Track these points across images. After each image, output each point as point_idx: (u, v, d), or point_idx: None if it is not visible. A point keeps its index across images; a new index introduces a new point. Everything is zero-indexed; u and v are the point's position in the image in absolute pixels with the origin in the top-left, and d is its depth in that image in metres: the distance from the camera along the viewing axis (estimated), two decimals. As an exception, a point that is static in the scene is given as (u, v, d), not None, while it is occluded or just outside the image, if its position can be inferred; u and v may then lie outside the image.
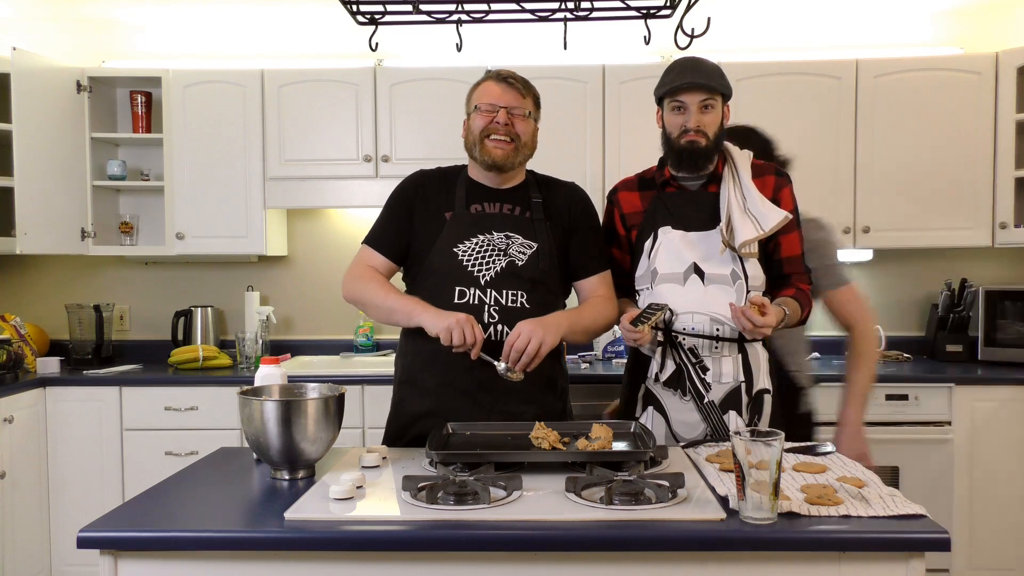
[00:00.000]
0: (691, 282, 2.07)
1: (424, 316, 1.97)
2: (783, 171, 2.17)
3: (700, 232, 2.07)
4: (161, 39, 3.95)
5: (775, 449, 1.35)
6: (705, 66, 2.06)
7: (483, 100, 2.09)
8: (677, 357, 2.07)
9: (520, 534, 1.38)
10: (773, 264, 2.13)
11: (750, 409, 2.07)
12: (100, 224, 3.73)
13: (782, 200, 2.10)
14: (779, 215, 2.04)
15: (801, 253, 2.15)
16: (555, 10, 2.09)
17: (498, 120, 2.06)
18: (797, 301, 2.09)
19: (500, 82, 2.09)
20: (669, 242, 2.09)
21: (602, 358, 3.73)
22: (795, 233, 2.13)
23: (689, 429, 2.07)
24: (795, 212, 2.13)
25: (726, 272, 2.05)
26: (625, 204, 2.21)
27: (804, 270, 2.15)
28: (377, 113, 3.58)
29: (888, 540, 1.35)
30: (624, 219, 2.21)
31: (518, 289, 2.05)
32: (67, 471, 3.39)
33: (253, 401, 1.66)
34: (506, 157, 2.07)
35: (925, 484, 3.20)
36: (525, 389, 2.06)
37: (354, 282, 2.13)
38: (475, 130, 2.09)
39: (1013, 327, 3.54)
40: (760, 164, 2.15)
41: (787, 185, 2.14)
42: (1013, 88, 3.45)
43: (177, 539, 1.40)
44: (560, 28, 2.17)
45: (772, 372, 2.14)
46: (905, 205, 3.52)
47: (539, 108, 2.15)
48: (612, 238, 2.25)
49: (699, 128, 2.03)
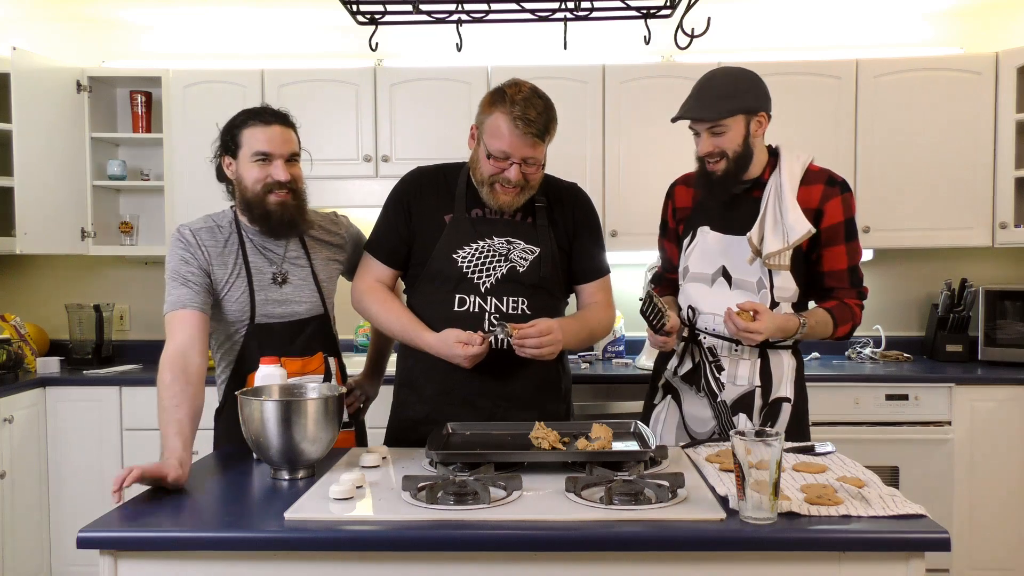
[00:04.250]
0: (718, 284, 2.08)
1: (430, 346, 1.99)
2: (838, 179, 2.07)
3: (735, 236, 2.06)
4: (161, 39, 3.95)
5: (775, 449, 1.35)
6: (712, 89, 1.99)
7: (495, 146, 1.96)
8: (696, 354, 2.09)
9: (520, 534, 1.38)
10: (816, 277, 2.09)
11: (764, 415, 2.06)
12: (100, 224, 3.73)
13: (827, 211, 2.03)
14: (804, 228, 1.98)
15: (848, 267, 2.06)
16: (555, 10, 2.09)
17: (509, 174, 1.97)
18: (831, 315, 2.04)
19: (516, 126, 1.92)
20: (704, 242, 2.10)
21: (602, 358, 3.72)
22: (841, 247, 2.05)
23: (700, 424, 2.10)
24: (847, 223, 2.04)
25: (753, 280, 2.05)
26: (679, 198, 2.24)
27: (852, 284, 2.08)
28: (377, 113, 3.58)
29: (888, 540, 1.35)
30: (675, 212, 2.24)
31: (519, 296, 2.03)
32: (67, 471, 3.39)
33: (253, 401, 1.66)
34: (511, 203, 2.03)
35: (925, 484, 3.19)
36: (526, 395, 2.05)
37: (360, 296, 2.13)
38: (483, 172, 2.01)
39: (1013, 327, 3.54)
40: (816, 170, 2.08)
41: (837, 196, 2.04)
42: (1013, 88, 3.45)
43: (177, 539, 1.40)
44: (560, 28, 2.16)
45: (798, 381, 2.10)
46: (905, 205, 3.52)
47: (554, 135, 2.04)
48: (664, 229, 2.28)
49: (712, 153, 2.01)
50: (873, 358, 3.66)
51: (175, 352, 1.83)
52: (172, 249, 1.98)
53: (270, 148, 1.98)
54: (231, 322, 2.02)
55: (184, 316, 1.88)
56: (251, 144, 1.98)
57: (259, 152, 1.98)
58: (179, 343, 1.85)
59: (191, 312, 1.89)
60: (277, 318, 2.03)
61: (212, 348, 2.08)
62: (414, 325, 2.03)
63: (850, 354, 3.73)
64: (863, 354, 3.69)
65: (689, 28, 2.03)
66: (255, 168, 1.98)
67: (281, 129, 2.01)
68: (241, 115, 2.04)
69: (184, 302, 1.90)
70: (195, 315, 1.89)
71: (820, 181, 2.06)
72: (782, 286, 2.03)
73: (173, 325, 1.88)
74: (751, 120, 2.01)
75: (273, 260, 2.05)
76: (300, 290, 2.07)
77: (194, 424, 1.77)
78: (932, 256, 3.85)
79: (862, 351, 3.70)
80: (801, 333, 2.01)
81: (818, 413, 2.82)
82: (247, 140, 1.99)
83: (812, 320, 2.02)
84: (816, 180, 2.06)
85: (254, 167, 1.98)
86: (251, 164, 1.99)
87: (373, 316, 2.12)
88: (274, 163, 1.99)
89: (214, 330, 2.05)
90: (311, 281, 2.09)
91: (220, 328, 2.04)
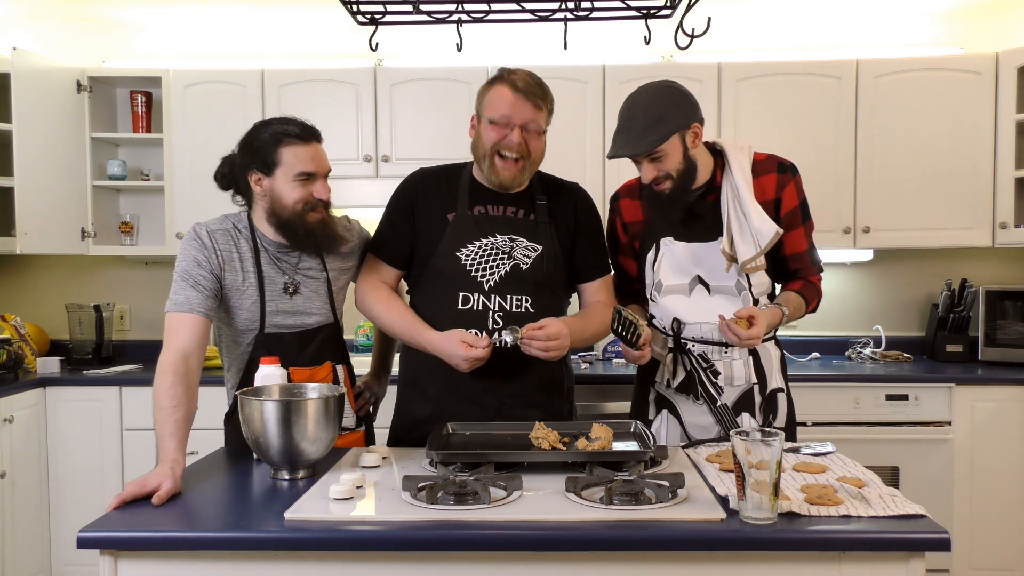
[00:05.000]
0: (697, 292, 2.07)
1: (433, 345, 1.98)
2: (786, 163, 2.09)
3: (702, 243, 2.05)
4: (161, 39, 3.95)
5: (775, 449, 1.35)
6: (638, 120, 1.93)
7: (497, 111, 1.99)
8: (688, 363, 2.07)
9: (520, 534, 1.38)
10: (779, 261, 2.12)
11: (764, 409, 2.07)
12: (100, 224, 3.73)
13: (785, 198, 2.06)
14: (772, 231, 1.99)
15: (808, 247, 2.11)
16: (555, 10, 2.09)
17: (511, 139, 1.99)
18: (801, 295, 2.09)
19: (516, 91, 1.98)
20: (672, 254, 2.08)
21: (602, 358, 3.73)
22: (800, 229, 2.09)
23: (703, 432, 2.08)
24: (802, 205, 2.08)
25: (731, 283, 2.05)
26: (626, 212, 2.20)
27: (812, 263, 2.13)
28: (377, 113, 3.58)
29: (888, 540, 1.35)
30: (626, 228, 2.20)
31: (522, 294, 2.04)
32: (67, 471, 3.39)
33: (253, 401, 1.66)
34: (513, 178, 2.04)
35: (925, 484, 3.20)
36: (531, 392, 2.06)
37: (364, 297, 2.13)
38: (486, 144, 2.02)
39: (1013, 327, 3.54)
40: (762, 159, 2.08)
41: (790, 181, 2.06)
42: (1013, 88, 3.45)
43: (177, 539, 1.40)
44: (560, 28, 2.16)
45: (783, 371, 2.14)
46: (905, 205, 3.52)
47: (552, 112, 2.07)
48: (616, 245, 2.24)
49: (657, 178, 1.98)
50: (873, 358, 3.66)
51: (177, 355, 1.81)
52: (186, 247, 1.95)
53: (315, 168, 1.95)
54: (241, 329, 2.00)
55: (189, 320, 1.86)
56: (293, 164, 1.93)
57: (304, 172, 1.94)
58: (181, 346, 1.83)
59: (196, 317, 1.87)
60: (287, 328, 2.01)
61: (220, 350, 2.08)
62: (416, 324, 2.03)
63: (850, 354, 3.73)
64: (863, 354, 3.69)
65: (689, 28, 2.03)
66: (297, 187, 1.94)
67: (319, 147, 1.99)
68: (271, 130, 1.97)
69: (192, 305, 1.87)
70: (199, 320, 1.87)
71: (771, 170, 2.06)
72: (759, 283, 2.06)
73: (176, 326, 1.86)
74: (685, 135, 1.96)
75: (285, 271, 2.03)
76: (311, 301, 2.04)
77: (189, 426, 1.77)
78: (932, 256, 3.85)
79: (862, 351, 3.70)
80: (784, 321, 2.04)
81: (818, 413, 2.84)
82: (287, 159, 1.93)
83: (790, 307, 2.05)
84: (766, 169, 2.06)
85: (296, 186, 1.94)
86: (292, 183, 1.94)
87: (376, 316, 2.12)
88: (317, 182, 1.97)
89: (222, 332, 2.04)
90: (323, 292, 2.07)
91: (228, 332, 2.03)
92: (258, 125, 2.01)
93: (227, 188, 2.05)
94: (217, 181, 2.06)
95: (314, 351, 2.03)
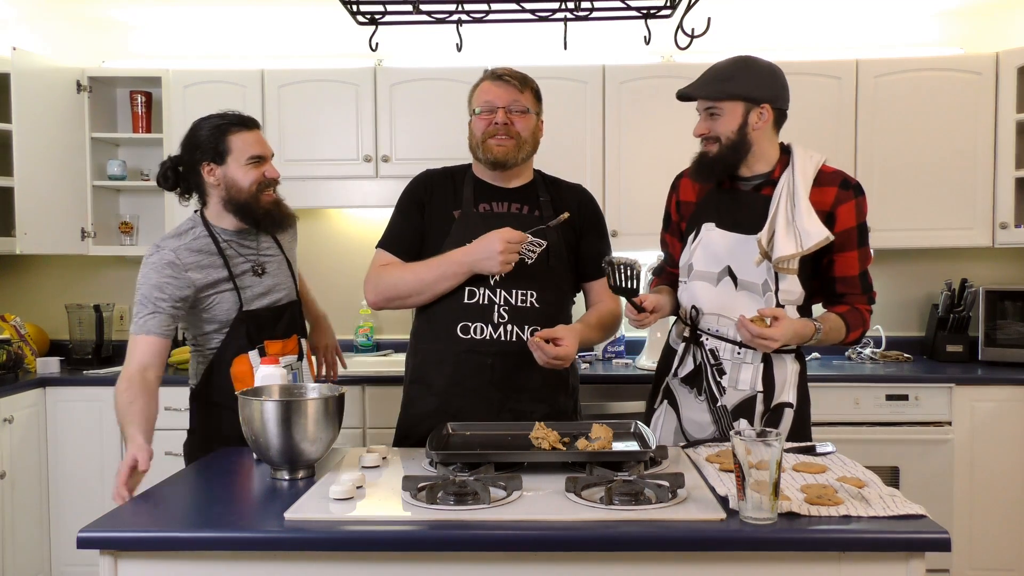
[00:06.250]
0: (723, 284, 2.03)
1: (467, 253, 2.01)
2: (852, 181, 2.01)
3: (741, 235, 2.00)
4: (161, 39, 3.94)
5: (775, 449, 1.35)
6: (718, 71, 2.00)
7: (481, 102, 2.11)
8: (698, 356, 2.06)
9: (520, 534, 1.38)
10: (827, 283, 2.05)
11: (766, 421, 2.00)
12: (100, 224, 3.73)
13: (839, 215, 1.97)
14: (821, 234, 1.92)
15: (860, 272, 2.02)
16: (555, 10, 2.09)
17: (497, 121, 2.07)
18: (844, 320, 2.00)
19: (496, 81, 2.11)
20: (709, 240, 2.05)
21: (602, 358, 3.72)
22: (854, 252, 2.00)
23: (699, 428, 2.06)
24: (859, 228, 1.99)
25: (759, 281, 1.99)
26: (683, 191, 2.19)
27: (863, 290, 2.04)
28: (377, 113, 3.58)
29: (888, 540, 1.35)
30: (679, 206, 2.20)
31: (528, 288, 2.06)
32: (67, 471, 3.39)
33: (253, 401, 1.66)
34: (507, 154, 2.08)
35: (925, 484, 3.19)
36: (536, 387, 2.07)
37: (378, 279, 2.12)
38: (477, 133, 2.11)
39: (1013, 327, 3.54)
40: (829, 172, 2.02)
41: (850, 199, 1.98)
42: (1013, 88, 3.45)
43: (177, 539, 1.40)
44: (560, 28, 2.16)
45: (801, 385, 2.06)
46: (905, 205, 3.52)
47: (540, 101, 2.17)
48: (667, 222, 2.25)
49: (705, 135, 2.00)
50: (873, 358, 3.66)
51: (135, 369, 1.98)
52: (151, 271, 2.05)
53: (262, 151, 2.14)
54: (220, 321, 2.11)
55: (149, 340, 2.02)
56: (244, 149, 2.11)
57: (254, 156, 2.12)
58: (139, 362, 1.99)
59: (156, 338, 2.02)
60: (264, 307, 2.16)
61: (188, 340, 2.20)
62: (443, 256, 2.06)
63: (850, 354, 3.72)
64: (863, 354, 3.69)
65: (689, 28, 2.02)
66: (250, 170, 2.11)
67: (260, 132, 2.18)
68: (213, 123, 2.13)
69: (150, 328, 2.02)
70: (159, 341, 2.03)
71: (834, 183, 2.00)
72: (788, 289, 1.97)
73: (137, 346, 2.02)
74: (751, 110, 1.97)
75: (248, 256, 2.16)
76: (277, 277, 2.20)
77: (149, 420, 1.92)
78: (932, 256, 3.85)
79: (862, 351, 3.70)
80: (816, 339, 1.97)
81: (818, 413, 2.81)
82: (237, 145, 2.10)
83: (827, 326, 1.97)
84: (830, 182, 2.00)
85: (249, 169, 2.11)
86: (245, 167, 2.11)
87: (402, 281, 2.09)
88: (266, 164, 2.14)
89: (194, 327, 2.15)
90: (285, 268, 2.25)
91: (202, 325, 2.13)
92: (198, 123, 2.16)
93: (172, 188, 2.19)
94: (160, 183, 2.19)
95: (284, 326, 2.20)
